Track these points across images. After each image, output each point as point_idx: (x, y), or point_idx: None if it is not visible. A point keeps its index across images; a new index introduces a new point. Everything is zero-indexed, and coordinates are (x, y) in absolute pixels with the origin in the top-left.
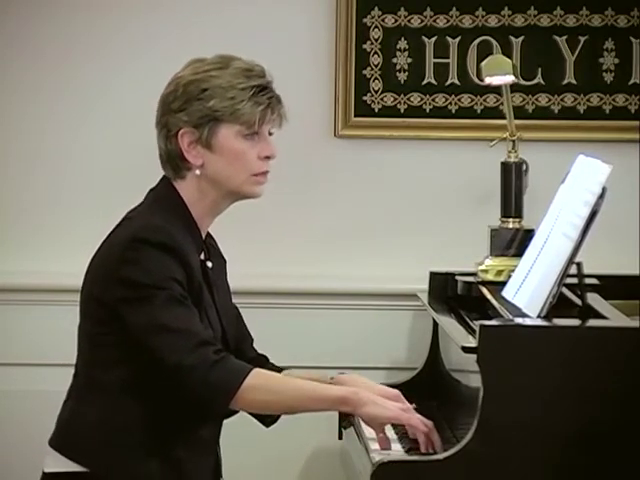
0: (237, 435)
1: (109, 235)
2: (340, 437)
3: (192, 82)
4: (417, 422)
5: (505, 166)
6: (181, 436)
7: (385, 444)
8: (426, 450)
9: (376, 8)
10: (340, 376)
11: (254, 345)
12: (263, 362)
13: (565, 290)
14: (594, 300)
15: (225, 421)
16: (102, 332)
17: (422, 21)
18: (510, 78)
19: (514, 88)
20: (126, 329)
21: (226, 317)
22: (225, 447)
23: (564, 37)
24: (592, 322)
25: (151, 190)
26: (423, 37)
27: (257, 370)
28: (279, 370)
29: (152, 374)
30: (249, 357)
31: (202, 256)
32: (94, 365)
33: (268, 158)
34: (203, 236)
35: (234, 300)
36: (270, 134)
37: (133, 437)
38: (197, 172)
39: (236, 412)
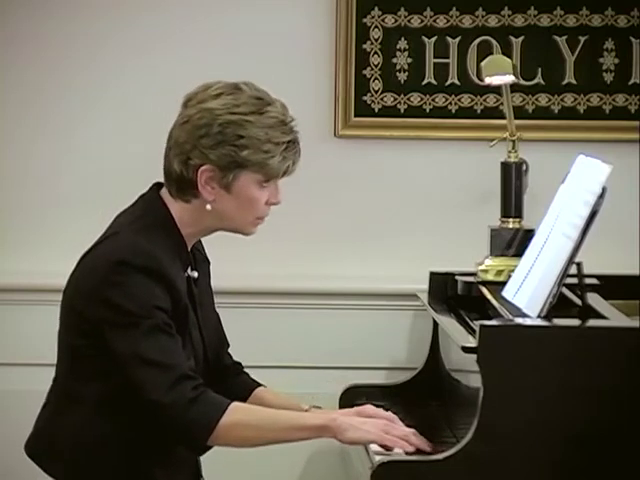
0: None
1: (95, 246)
2: None
3: (229, 124)
4: (399, 443)
5: (505, 166)
6: (158, 454)
7: (385, 447)
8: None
9: (376, 8)
10: (316, 410)
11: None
12: (238, 370)
13: (565, 290)
14: (594, 300)
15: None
16: (83, 344)
17: (422, 21)
18: (510, 78)
19: (514, 88)
20: (108, 349)
21: (208, 332)
22: (224, 447)
23: (564, 37)
24: (592, 322)
25: (141, 198)
26: (423, 37)
27: (234, 405)
28: (256, 384)
29: (130, 392)
30: (225, 364)
31: (189, 270)
32: (74, 376)
33: (273, 204)
34: (189, 248)
35: (234, 300)
36: None
37: (108, 454)
38: (208, 207)
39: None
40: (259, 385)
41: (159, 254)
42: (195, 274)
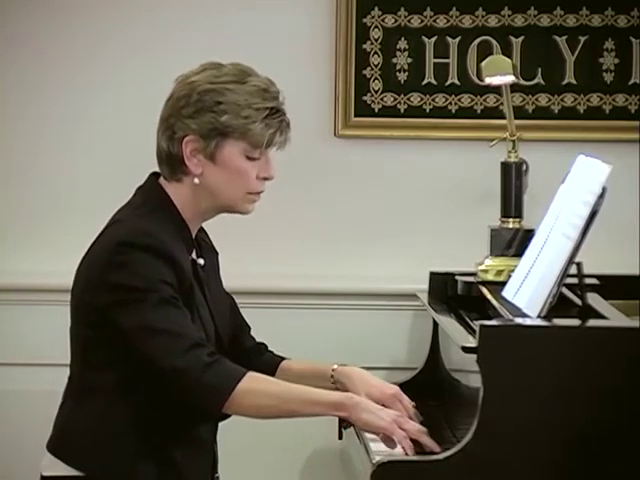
0: (237, 435)
1: (97, 238)
2: (340, 437)
3: (208, 92)
4: (404, 442)
5: (505, 166)
6: (177, 437)
7: (389, 443)
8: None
9: (376, 8)
10: (342, 368)
11: (252, 333)
12: (262, 350)
13: (565, 290)
14: (594, 300)
15: (224, 420)
16: (95, 335)
17: (422, 21)
18: (510, 78)
19: (514, 88)
20: (118, 332)
21: (219, 314)
22: (224, 447)
23: (564, 37)
24: (592, 322)
25: (139, 189)
26: (423, 37)
27: (251, 374)
28: (280, 359)
29: (146, 376)
30: (247, 346)
31: (194, 255)
32: (88, 369)
33: (266, 179)
34: (193, 235)
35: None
36: None
37: (129, 440)
38: (196, 180)
39: (229, 415)
40: (283, 359)
41: (162, 234)
42: (201, 261)
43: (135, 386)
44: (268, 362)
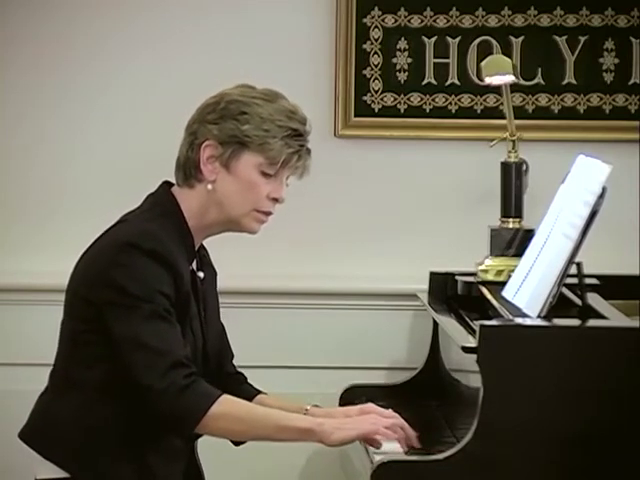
0: None
1: (101, 235)
2: None
3: (235, 101)
4: (384, 431)
5: (505, 166)
6: (153, 441)
7: (377, 443)
8: (407, 448)
9: (376, 8)
10: (314, 409)
11: (253, 332)
12: (241, 380)
13: (565, 290)
14: (594, 300)
15: (199, 439)
16: (86, 330)
17: (422, 21)
18: (510, 78)
19: (514, 88)
20: (108, 332)
21: (210, 328)
22: (224, 447)
23: (564, 37)
24: (592, 322)
25: (150, 195)
26: (423, 37)
27: (225, 397)
28: (256, 392)
29: (128, 379)
30: (227, 373)
31: (194, 266)
32: (74, 363)
33: (276, 200)
34: (196, 247)
35: (234, 300)
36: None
37: (105, 438)
38: (209, 187)
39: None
40: (260, 392)
41: (166, 240)
42: (201, 274)
43: (117, 387)
44: (244, 393)
